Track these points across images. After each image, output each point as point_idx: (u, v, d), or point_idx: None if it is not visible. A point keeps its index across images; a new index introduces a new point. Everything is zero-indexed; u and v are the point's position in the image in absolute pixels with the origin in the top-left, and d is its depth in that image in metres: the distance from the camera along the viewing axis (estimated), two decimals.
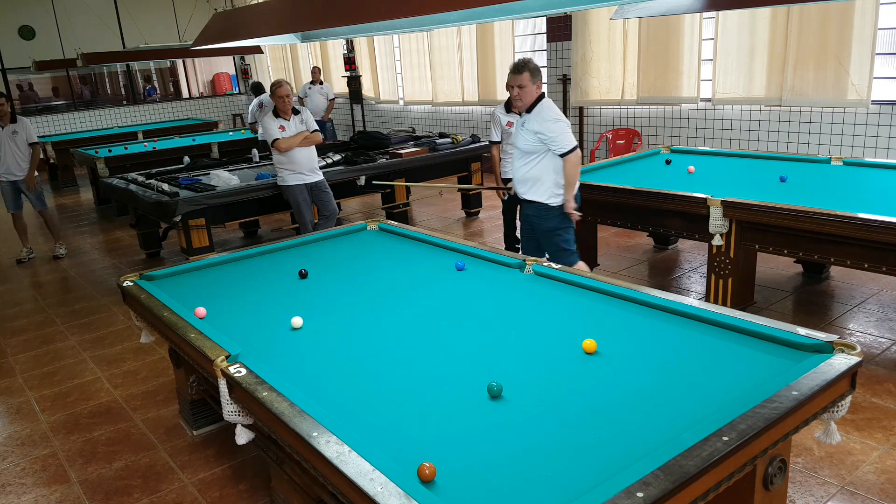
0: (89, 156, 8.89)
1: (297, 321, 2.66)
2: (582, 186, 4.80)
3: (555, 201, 4.01)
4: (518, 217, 5.68)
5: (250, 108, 10.20)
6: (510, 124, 5.36)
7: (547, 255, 4.10)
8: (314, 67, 10.89)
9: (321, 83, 10.59)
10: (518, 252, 4.60)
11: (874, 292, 4.64)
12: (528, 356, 2.33)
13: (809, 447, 3.00)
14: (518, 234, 5.74)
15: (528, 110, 3.94)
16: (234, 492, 3.02)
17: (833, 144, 6.38)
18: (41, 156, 11.10)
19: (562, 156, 3.91)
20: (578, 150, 3.94)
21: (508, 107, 5.39)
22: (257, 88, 10.41)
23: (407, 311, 2.82)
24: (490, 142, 5.51)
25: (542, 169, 3.96)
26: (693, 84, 7.29)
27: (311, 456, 1.81)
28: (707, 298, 4.33)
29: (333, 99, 10.73)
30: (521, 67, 3.91)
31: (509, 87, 5.31)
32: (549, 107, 3.95)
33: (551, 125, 3.87)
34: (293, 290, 3.19)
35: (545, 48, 8.84)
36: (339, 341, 2.57)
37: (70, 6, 13.01)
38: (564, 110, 8.71)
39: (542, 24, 8.89)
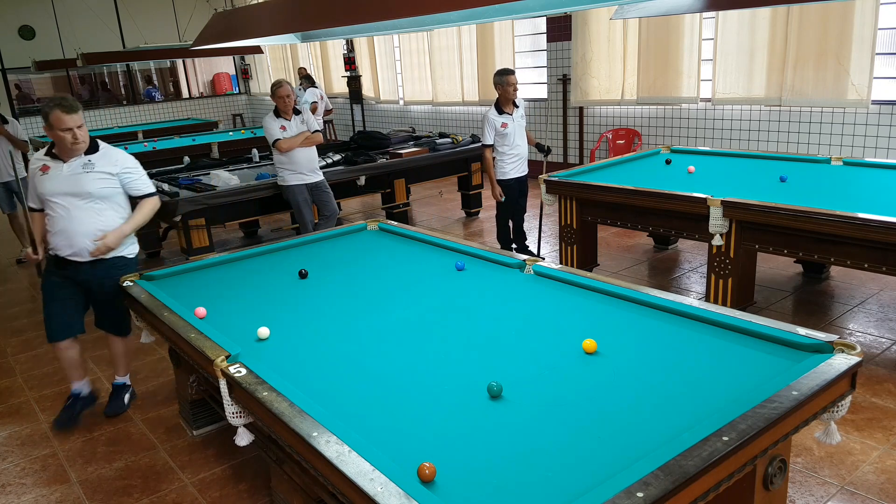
0: None
1: (264, 331, 2.62)
2: (583, 186, 4.82)
3: (133, 250, 3.64)
4: (510, 218, 5.68)
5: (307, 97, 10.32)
6: (504, 125, 5.36)
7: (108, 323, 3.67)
8: (300, 68, 11.00)
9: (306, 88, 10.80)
10: (512, 251, 4.59)
11: (874, 292, 4.64)
12: (528, 356, 2.33)
13: (809, 447, 3.00)
14: (511, 235, 5.75)
15: (88, 152, 3.42)
16: (234, 492, 3.02)
17: (833, 144, 6.38)
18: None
19: (142, 197, 3.57)
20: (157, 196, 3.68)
21: (500, 108, 5.38)
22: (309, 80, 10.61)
23: (407, 312, 2.82)
24: (483, 144, 5.50)
25: (116, 216, 3.49)
26: (693, 84, 7.29)
27: (311, 456, 1.81)
28: (707, 298, 4.32)
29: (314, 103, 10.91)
30: (76, 107, 3.32)
31: (498, 86, 5.34)
32: (114, 147, 3.57)
33: (133, 163, 3.56)
34: (293, 290, 3.19)
35: (545, 48, 8.84)
36: (339, 341, 2.57)
37: (70, 6, 13.01)
38: (564, 110, 8.72)
39: (542, 24, 8.89)
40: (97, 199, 3.40)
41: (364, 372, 2.29)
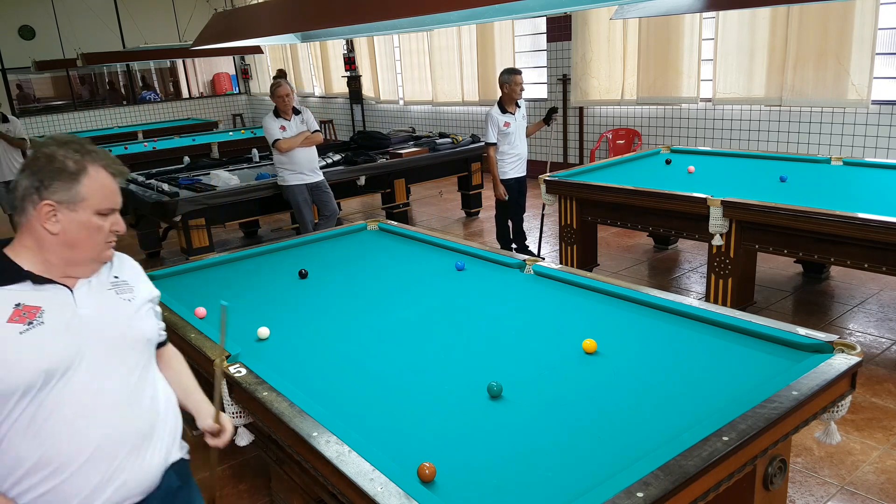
0: None
1: (264, 332, 2.62)
2: (583, 186, 4.82)
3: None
4: (510, 219, 5.68)
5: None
6: (507, 125, 5.36)
7: None
8: (279, 70, 11.22)
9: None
10: (512, 251, 4.60)
11: (874, 292, 4.64)
12: (528, 356, 2.33)
13: (809, 447, 3.00)
14: (511, 234, 5.76)
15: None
16: (234, 492, 3.02)
17: (833, 144, 6.38)
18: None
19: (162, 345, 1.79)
20: None
21: (503, 107, 5.38)
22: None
23: (407, 312, 2.82)
24: (486, 143, 5.50)
25: (161, 378, 1.74)
26: (693, 84, 7.29)
27: (311, 456, 1.81)
28: (707, 298, 4.32)
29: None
30: (124, 169, 1.60)
31: (504, 85, 5.35)
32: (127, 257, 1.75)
33: (145, 279, 1.76)
34: (293, 290, 3.19)
35: (545, 48, 8.84)
36: (339, 341, 2.57)
37: (70, 6, 13.00)
38: (564, 110, 8.71)
39: (542, 24, 8.89)
40: (147, 349, 1.66)
41: (364, 372, 2.29)
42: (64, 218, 1.47)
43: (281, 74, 11.32)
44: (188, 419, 1.93)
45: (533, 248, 5.90)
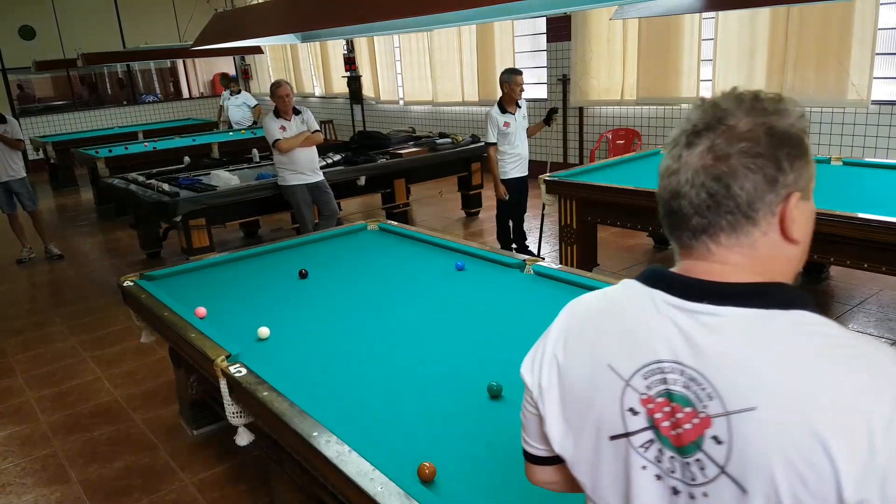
0: (89, 156, 8.88)
1: (264, 331, 2.62)
2: (583, 186, 4.81)
3: None
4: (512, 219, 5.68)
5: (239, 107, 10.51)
6: (507, 125, 5.36)
7: None
8: (232, 78, 11.25)
9: (239, 92, 10.85)
10: (512, 251, 4.60)
11: (874, 292, 4.64)
12: None
13: None
14: (511, 234, 5.76)
15: None
16: (234, 492, 3.02)
17: (833, 144, 6.38)
18: (40, 155, 11.19)
19: None
20: None
21: (503, 107, 5.38)
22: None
23: (407, 311, 2.83)
24: (486, 143, 5.51)
25: None
26: (693, 84, 7.29)
27: (311, 455, 1.81)
28: None
29: (257, 105, 10.96)
30: None
31: (505, 84, 5.35)
32: None
33: None
34: (293, 290, 3.19)
35: (545, 48, 8.84)
36: (340, 341, 2.57)
37: (70, 6, 13.00)
38: (564, 110, 8.71)
39: (541, 25, 8.89)
40: None
41: (364, 372, 2.30)
42: (801, 216, 0.91)
43: (227, 79, 11.30)
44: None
45: (533, 248, 5.90)
